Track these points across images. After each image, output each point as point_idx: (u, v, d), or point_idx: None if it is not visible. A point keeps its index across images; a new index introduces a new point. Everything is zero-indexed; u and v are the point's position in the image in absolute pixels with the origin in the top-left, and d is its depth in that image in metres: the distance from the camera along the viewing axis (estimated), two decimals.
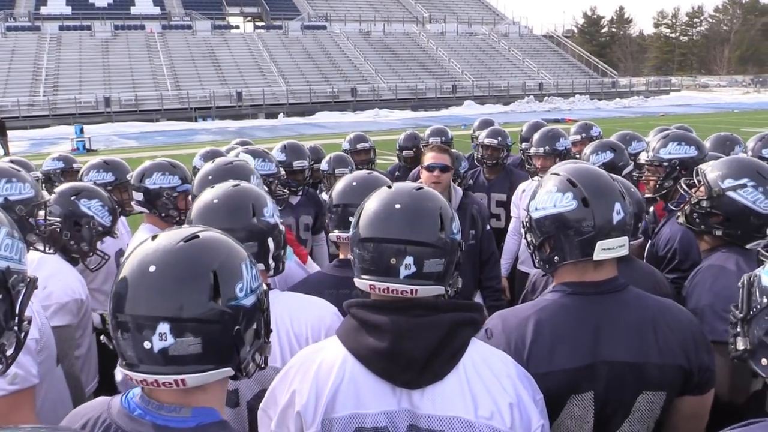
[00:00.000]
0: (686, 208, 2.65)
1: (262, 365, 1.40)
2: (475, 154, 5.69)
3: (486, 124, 6.54)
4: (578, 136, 5.41)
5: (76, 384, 2.76)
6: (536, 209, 1.91)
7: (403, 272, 1.57)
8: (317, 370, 1.59)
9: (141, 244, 1.31)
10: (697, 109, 39.61)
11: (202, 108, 37.71)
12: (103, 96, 36.35)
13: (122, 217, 3.99)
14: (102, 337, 1.35)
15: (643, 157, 3.51)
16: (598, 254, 1.80)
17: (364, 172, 2.75)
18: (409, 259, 1.57)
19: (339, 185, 2.57)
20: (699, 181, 2.57)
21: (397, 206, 1.62)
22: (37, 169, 5.14)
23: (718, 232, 2.50)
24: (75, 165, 5.07)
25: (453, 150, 4.36)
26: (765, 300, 1.44)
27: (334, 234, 2.51)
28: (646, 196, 3.43)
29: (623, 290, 1.85)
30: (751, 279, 1.52)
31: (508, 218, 5.14)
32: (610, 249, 1.80)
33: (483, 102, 43.01)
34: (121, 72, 40.50)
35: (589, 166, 1.99)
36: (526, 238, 1.99)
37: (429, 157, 3.87)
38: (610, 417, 1.80)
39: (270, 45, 47.57)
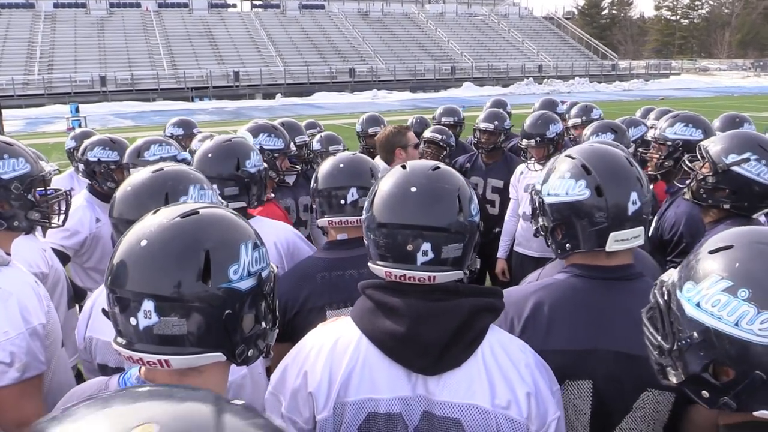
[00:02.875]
0: (692, 184, 2.69)
1: (266, 352, 1.35)
2: (471, 139, 5.63)
3: (497, 105, 6.34)
4: (579, 119, 5.38)
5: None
6: (548, 194, 1.85)
7: (421, 258, 1.52)
8: (331, 350, 1.54)
9: (144, 217, 1.28)
10: (697, 92, 39.47)
11: (199, 88, 37.45)
12: (99, 75, 36.08)
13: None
14: (102, 309, 1.32)
15: (650, 135, 3.58)
16: (611, 245, 1.74)
17: (349, 153, 2.70)
18: (426, 246, 1.51)
19: (324, 168, 2.50)
20: (702, 157, 2.62)
21: (413, 189, 1.55)
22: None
23: (726, 206, 2.57)
24: (195, 130, 5.18)
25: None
26: (695, 335, 1.22)
27: (324, 220, 2.44)
28: (648, 172, 3.44)
29: (635, 279, 1.79)
30: (668, 301, 1.32)
31: (503, 205, 5.08)
32: (624, 240, 1.74)
33: (482, 84, 42.76)
34: (116, 50, 40.14)
35: (606, 149, 1.88)
36: (537, 220, 1.92)
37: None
38: (610, 412, 1.72)
39: (267, 24, 47.15)
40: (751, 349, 1.16)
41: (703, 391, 1.25)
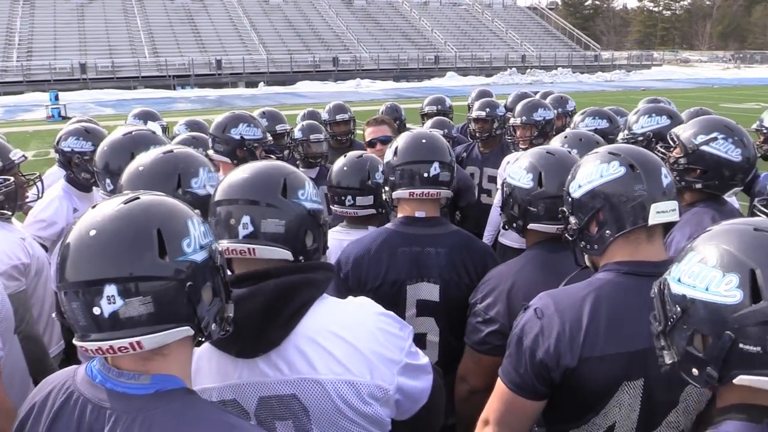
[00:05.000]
0: None
1: (226, 327, 1.38)
2: (468, 128, 5.63)
3: (482, 95, 6.32)
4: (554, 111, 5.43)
5: (38, 345, 2.76)
6: (579, 187, 1.85)
7: (242, 232, 1.60)
8: None
9: (83, 213, 1.30)
10: (678, 84, 39.81)
11: (181, 76, 37.04)
12: (79, 62, 35.53)
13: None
14: (54, 315, 1.32)
15: (620, 137, 3.60)
16: (653, 218, 1.74)
17: (427, 131, 2.76)
18: (246, 219, 1.60)
19: (404, 143, 2.57)
20: (674, 141, 2.77)
21: (243, 173, 1.67)
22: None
23: (698, 186, 2.69)
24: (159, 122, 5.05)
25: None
26: (678, 309, 1.32)
27: (405, 191, 2.52)
28: None
29: None
30: (661, 287, 1.42)
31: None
32: (663, 212, 1.75)
33: (465, 73, 42.77)
34: (97, 37, 39.56)
35: (619, 143, 1.96)
36: (569, 222, 1.91)
37: (368, 133, 3.89)
38: (657, 407, 1.73)
39: (250, 12, 46.72)
40: (721, 311, 1.25)
41: (693, 369, 1.31)
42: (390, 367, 1.57)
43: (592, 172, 1.83)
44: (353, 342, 1.54)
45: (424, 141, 2.55)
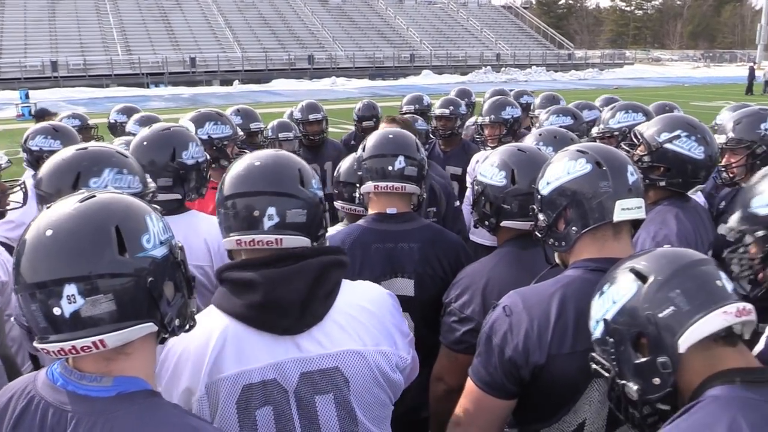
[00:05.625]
0: None
1: (189, 322, 1.38)
2: (429, 126, 5.66)
3: (462, 94, 6.27)
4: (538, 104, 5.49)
5: (12, 365, 2.71)
6: (547, 184, 1.87)
7: (267, 223, 1.64)
8: (197, 340, 1.57)
9: (38, 215, 1.28)
10: (649, 82, 40.39)
11: (155, 74, 36.58)
12: (50, 60, 34.90)
13: None
14: (12, 318, 1.31)
15: (594, 131, 3.63)
16: (618, 215, 1.76)
17: (396, 128, 2.84)
18: (271, 210, 1.64)
19: (372, 139, 2.62)
20: (638, 139, 2.77)
21: (257, 164, 1.71)
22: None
23: (662, 183, 2.69)
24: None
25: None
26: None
27: (371, 184, 2.54)
28: None
29: None
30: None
31: (462, 192, 5.08)
32: (628, 209, 1.77)
33: (441, 72, 42.88)
34: (68, 35, 38.92)
35: (588, 142, 1.99)
36: (537, 219, 1.93)
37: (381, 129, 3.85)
38: None
39: (225, 9, 46.27)
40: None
41: (656, 379, 1.42)
42: (404, 339, 1.76)
43: (559, 170, 1.85)
44: (380, 316, 1.70)
45: (391, 136, 2.59)
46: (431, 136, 5.58)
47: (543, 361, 1.69)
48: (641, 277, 1.46)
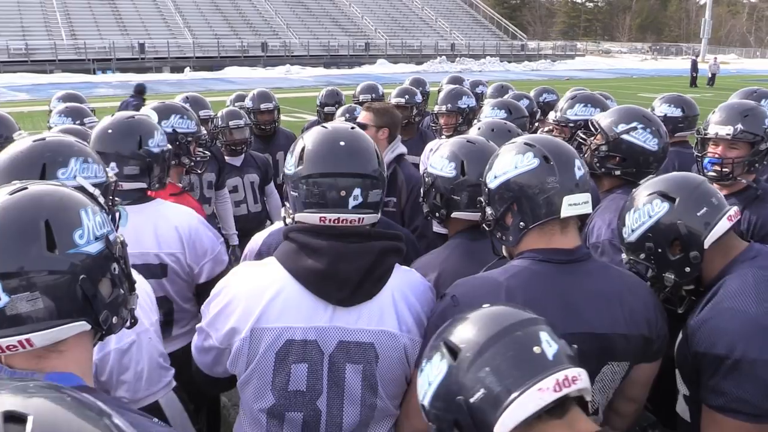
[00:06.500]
0: (586, 156, 2.86)
1: (129, 319, 1.34)
2: None
3: (417, 84, 6.21)
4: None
5: None
6: (495, 177, 1.84)
7: (352, 203, 1.75)
8: (254, 283, 1.76)
9: None
10: (600, 74, 41.28)
11: (102, 60, 35.56)
12: None
13: None
14: None
15: (551, 117, 3.67)
16: (566, 210, 1.75)
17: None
18: (356, 191, 1.75)
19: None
20: (595, 129, 2.84)
21: (342, 143, 1.78)
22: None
23: (617, 172, 2.78)
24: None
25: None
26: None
27: None
28: None
29: (588, 260, 1.81)
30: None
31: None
32: (576, 204, 1.76)
33: (396, 61, 42.90)
34: (8, 17, 37.29)
35: (538, 134, 1.98)
36: (485, 212, 1.91)
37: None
38: None
39: None
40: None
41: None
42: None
43: (507, 164, 1.82)
44: (417, 307, 1.83)
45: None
46: None
47: None
48: (452, 353, 1.23)
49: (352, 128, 1.87)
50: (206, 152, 3.64)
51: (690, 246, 1.91)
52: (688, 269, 1.93)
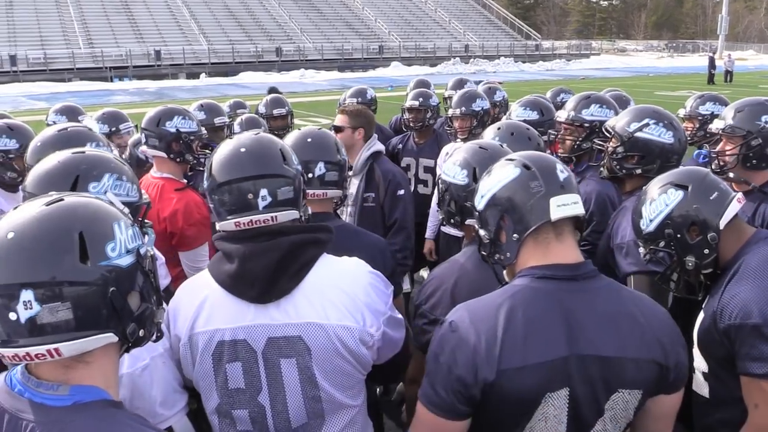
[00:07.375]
0: (605, 161, 2.90)
1: (156, 333, 1.35)
2: (402, 118, 5.63)
3: (419, 84, 6.24)
4: (454, 91, 5.56)
5: None
6: (482, 197, 1.83)
7: (261, 204, 1.79)
8: (188, 295, 1.88)
9: (7, 213, 1.24)
10: (615, 72, 41.00)
11: (118, 67, 35.94)
12: (8, 54, 33.97)
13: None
14: None
15: (562, 117, 3.54)
16: (555, 211, 1.70)
17: (314, 128, 2.66)
18: (263, 192, 1.79)
19: (288, 142, 2.46)
20: (610, 134, 2.90)
21: (243, 149, 1.83)
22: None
23: (638, 171, 2.80)
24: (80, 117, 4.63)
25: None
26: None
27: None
28: (560, 154, 3.52)
29: (595, 277, 1.72)
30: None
31: (435, 184, 5.11)
32: (565, 205, 1.72)
33: (410, 63, 42.93)
34: (27, 27, 37.91)
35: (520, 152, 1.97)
36: (480, 238, 1.88)
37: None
38: (584, 418, 1.66)
39: (189, 1, 45.57)
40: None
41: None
42: (378, 317, 1.86)
43: (490, 181, 1.82)
44: (350, 293, 1.82)
45: (309, 140, 2.50)
46: (403, 128, 5.56)
47: (493, 377, 1.59)
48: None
49: (256, 134, 1.92)
50: (208, 152, 3.70)
51: (707, 228, 2.08)
52: (707, 251, 2.09)
